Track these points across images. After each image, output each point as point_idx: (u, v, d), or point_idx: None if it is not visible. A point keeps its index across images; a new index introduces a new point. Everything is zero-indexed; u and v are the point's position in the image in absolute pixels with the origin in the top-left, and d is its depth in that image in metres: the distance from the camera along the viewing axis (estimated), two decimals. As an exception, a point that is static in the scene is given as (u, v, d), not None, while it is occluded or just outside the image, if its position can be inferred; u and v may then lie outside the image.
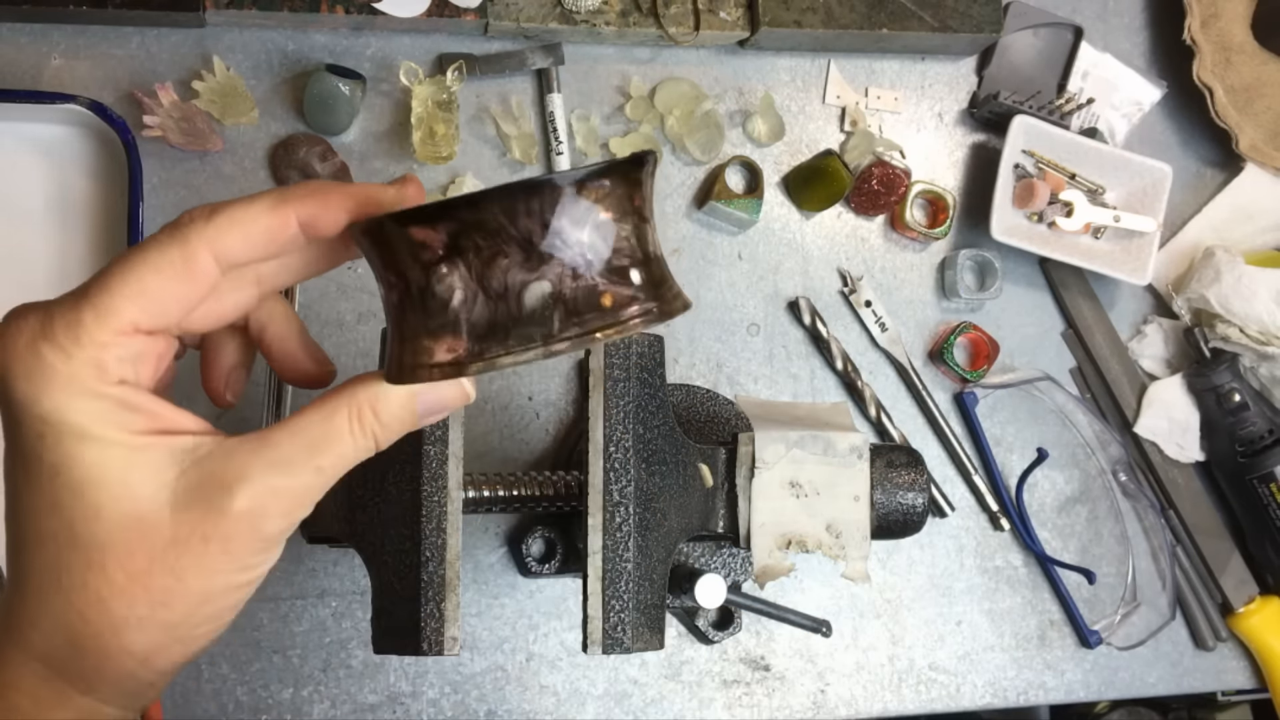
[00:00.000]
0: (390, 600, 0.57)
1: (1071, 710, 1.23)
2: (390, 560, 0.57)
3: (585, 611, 0.58)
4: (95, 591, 0.37)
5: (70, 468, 0.36)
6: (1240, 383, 0.90)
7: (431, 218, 0.36)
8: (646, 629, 0.59)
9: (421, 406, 0.41)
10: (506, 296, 0.36)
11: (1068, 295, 0.92)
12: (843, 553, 0.65)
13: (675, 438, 0.63)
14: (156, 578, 0.37)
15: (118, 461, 0.37)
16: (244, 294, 0.42)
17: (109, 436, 0.37)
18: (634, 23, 0.84)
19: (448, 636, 0.56)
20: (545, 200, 0.36)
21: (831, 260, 0.89)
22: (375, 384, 0.40)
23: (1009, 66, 0.93)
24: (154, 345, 0.39)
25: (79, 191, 0.76)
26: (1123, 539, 0.91)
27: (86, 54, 0.78)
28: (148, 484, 0.37)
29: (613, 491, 0.59)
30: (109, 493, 0.36)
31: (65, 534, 0.37)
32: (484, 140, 0.84)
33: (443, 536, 0.56)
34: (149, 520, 0.37)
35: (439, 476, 0.57)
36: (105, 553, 0.37)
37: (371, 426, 0.40)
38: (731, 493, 0.65)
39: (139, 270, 0.38)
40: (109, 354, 0.37)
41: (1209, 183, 0.97)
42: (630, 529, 0.59)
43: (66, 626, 0.37)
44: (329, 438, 0.39)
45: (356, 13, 0.79)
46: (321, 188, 0.40)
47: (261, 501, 0.38)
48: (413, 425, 0.42)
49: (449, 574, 0.56)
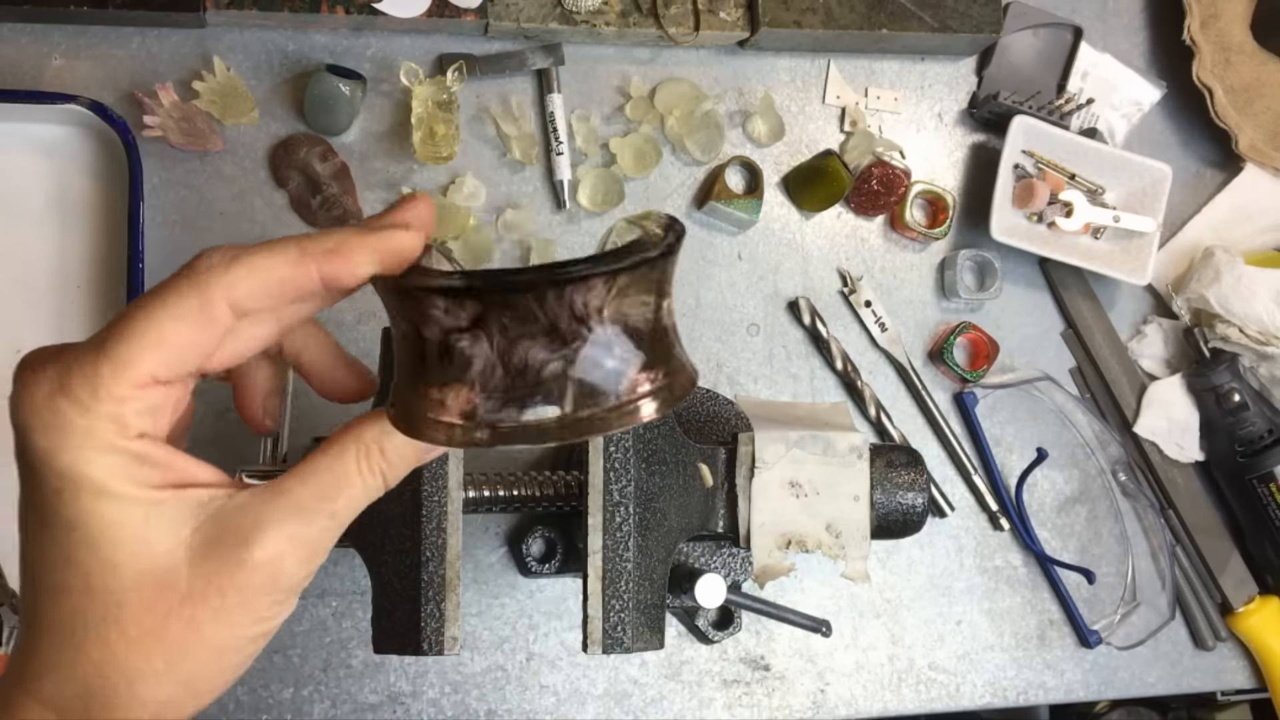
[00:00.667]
0: (390, 600, 0.57)
1: (1071, 710, 1.23)
2: (390, 560, 0.57)
3: (585, 611, 0.58)
4: (111, 644, 0.37)
5: (87, 523, 0.36)
6: (1240, 383, 0.90)
7: (461, 294, 0.36)
8: (646, 629, 0.59)
9: (424, 446, 0.41)
10: (525, 373, 0.36)
11: (1067, 295, 0.92)
12: (843, 553, 0.65)
13: (675, 438, 0.63)
14: (173, 631, 0.37)
15: (135, 517, 0.37)
16: (262, 330, 0.41)
17: (126, 492, 0.36)
18: (634, 23, 0.84)
19: (448, 636, 0.56)
20: (577, 290, 0.36)
21: (831, 260, 0.89)
22: (380, 423, 0.40)
23: (1009, 67, 0.93)
24: (171, 394, 0.38)
25: (79, 191, 0.76)
26: (1122, 539, 0.91)
27: (87, 54, 0.78)
28: (165, 539, 0.37)
29: (613, 491, 0.59)
30: (126, 548, 0.36)
31: (81, 587, 0.37)
32: (484, 140, 0.84)
33: (443, 536, 0.56)
34: (166, 575, 0.37)
35: (439, 476, 0.57)
36: (122, 607, 0.36)
37: (380, 466, 0.40)
38: (731, 492, 0.65)
39: (158, 318, 0.37)
40: (127, 408, 0.37)
41: (1209, 183, 0.97)
42: (630, 529, 0.59)
43: (81, 677, 0.37)
44: (339, 482, 0.39)
45: (357, 13, 0.79)
46: (344, 243, 0.38)
47: (279, 550, 0.38)
48: (418, 462, 0.42)
49: (449, 574, 0.56)
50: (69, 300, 0.75)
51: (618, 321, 0.37)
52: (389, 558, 0.57)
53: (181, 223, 0.78)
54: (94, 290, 0.75)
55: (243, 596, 0.37)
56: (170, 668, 0.37)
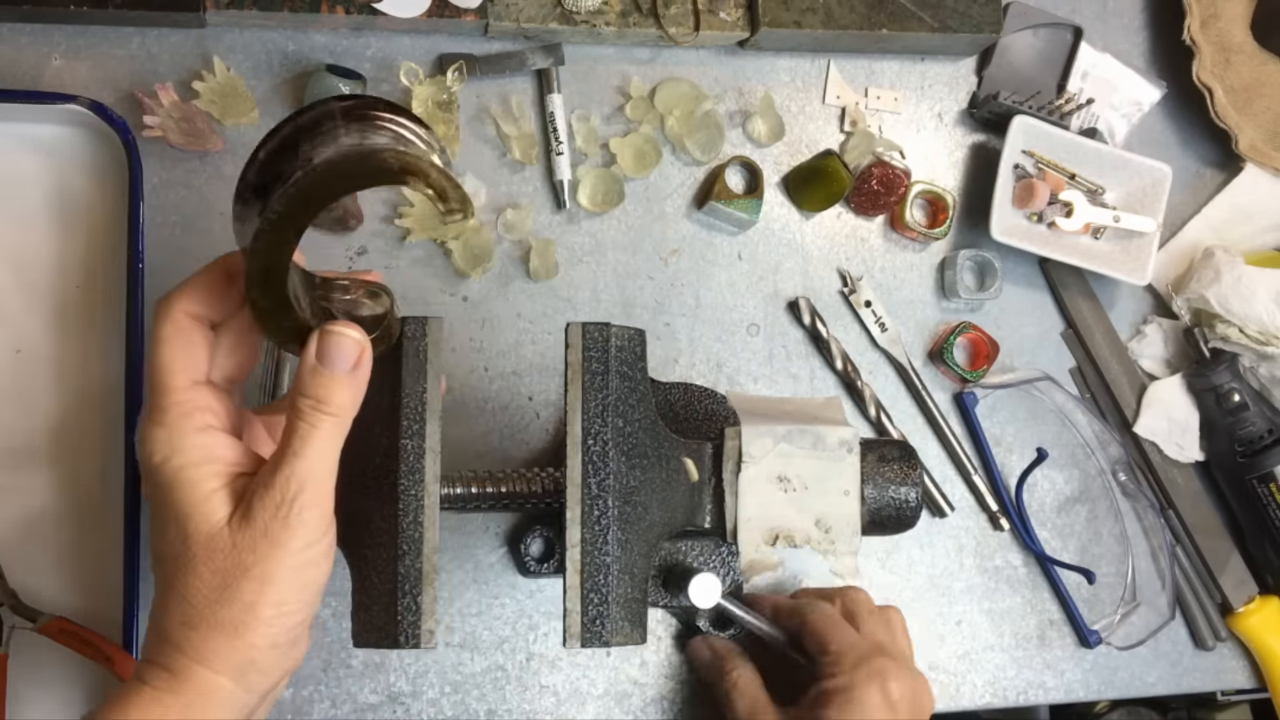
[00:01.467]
0: (368, 594, 0.57)
1: (1071, 710, 1.23)
2: (369, 554, 0.57)
3: (564, 604, 0.58)
4: (192, 586, 0.51)
5: (171, 506, 0.52)
6: (1240, 383, 0.90)
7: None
8: (627, 623, 0.59)
9: (327, 361, 0.53)
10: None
11: (1067, 295, 0.92)
12: (832, 548, 0.65)
13: (658, 432, 0.63)
14: (228, 573, 0.51)
15: (199, 503, 0.51)
16: (245, 348, 0.56)
17: (194, 486, 0.52)
18: (634, 23, 0.84)
19: (424, 629, 0.56)
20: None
21: (831, 260, 0.89)
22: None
23: (1009, 67, 0.93)
24: (210, 392, 0.54)
25: (79, 191, 0.76)
26: (1122, 539, 0.91)
27: (87, 54, 0.78)
28: (217, 513, 0.52)
29: (591, 485, 0.59)
30: (193, 523, 0.51)
31: (171, 551, 0.52)
32: (484, 140, 0.84)
33: (419, 530, 0.57)
34: (217, 538, 0.51)
35: (415, 470, 0.57)
36: (194, 560, 0.51)
37: (309, 410, 0.52)
38: (718, 487, 0.65)
39: (164, 345, 0.53)
40: (184, 406, 0.52)
41: (1209, 183, 0.97)
42: (609, 522, 0.59)
43: (180, 613, 0.51)
44: (291, 433, 0.52)
45: (357, 13, 0.79)
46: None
47: (288, 494, 0.51)
48: (338, 382, 0.52)
49: (425, 567, 0.56)
50: (69, 300, 0.75)
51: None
52: (368, 551, 0.57)
53: (181, 223, 0.78)
54: (94, 290, 0.75)
55: (271, 536, 0.51)
56: (231, 595, 0.51)
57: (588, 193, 0.84)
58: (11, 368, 0.74)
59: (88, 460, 0.74)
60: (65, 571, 0.73)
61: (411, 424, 0.57)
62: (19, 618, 0.71)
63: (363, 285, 0.56)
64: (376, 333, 0.55)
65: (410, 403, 0.57)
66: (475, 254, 0.81)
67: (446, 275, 0.82)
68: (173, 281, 0.54)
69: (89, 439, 0.74)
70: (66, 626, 0.70)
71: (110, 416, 0.74)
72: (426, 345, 0.57)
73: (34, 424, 0.74)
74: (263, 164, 0.49)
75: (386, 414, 0.57)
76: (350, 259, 0.80)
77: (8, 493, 0.73)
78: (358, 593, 0.58)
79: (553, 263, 0.83)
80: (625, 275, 0.85)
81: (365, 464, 0.58)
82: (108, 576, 0.72)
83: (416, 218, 0.80)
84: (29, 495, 0.73)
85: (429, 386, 0.57)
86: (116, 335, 0.73)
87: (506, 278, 0.83)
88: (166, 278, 0.75)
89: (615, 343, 0.60)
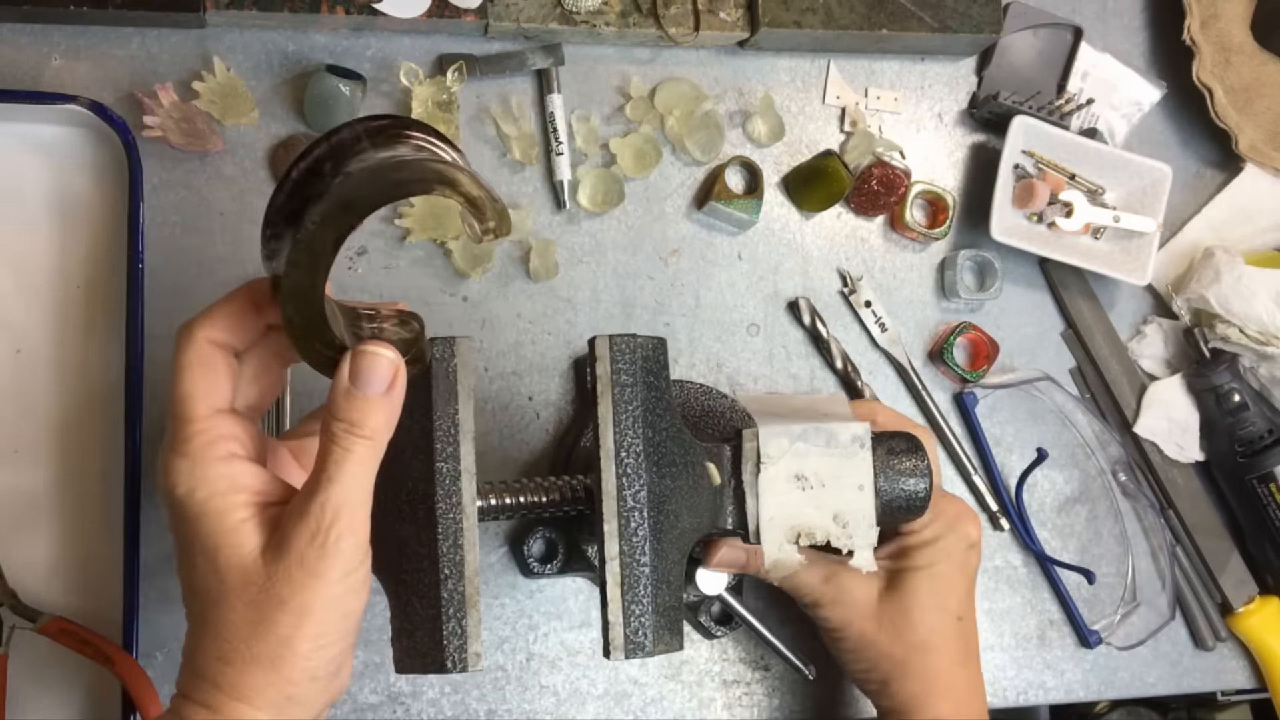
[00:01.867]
0: (410, 620, 0.57)
1: (1071, 710, 1.23)
2: (408, 579, 0.57)
3: (605, 618, 0.58)
4: (226, 620, 0.50)
5: (198, 539, 0.51)
6: (1240, 383, 0.90)
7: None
8: (666, 631, 0.60)
9: (361, 383, 0.51)
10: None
11: (1067, 295, 0.92)
12: (851, 542, 0.65)
13: (683, 438, 0.63)
14: (262, 607, 0.50)
15: (228, 534, 0.50)
16: (269, 375, 0.56)
17: (222, 517, 0.50)
18: (634, 23, 0.84)
19: (471, 652, 0.56)
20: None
21: (831, 260, 0.89)
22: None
23: (1009, 67, 0.93)
24: (232, 419, 0.52)
25: (79, 191, 0.76)
26: (1122, 539, 0.91)
27: (87, 54, 0.78)
28: (247, 544, 0.50)
29: (626, 497, 0.59)
30: (223, 556, 0.50)
31: (203, 585, 0.51)
32: (484, 140, 0.84)
33: (460, 553, 0.56)
34: (250, 570, 0.50)
35: (452, 493, 0.57)
36: (227, 594, 0.50)
37: (343, 433, 0.51)
38: (739, 489, 0.65)
39: (186, 373, 0.52)
40: (206, 435, 0.51)
41: (1209, 183, 0.97)
42: (645, 533, 0.59)
43: (215, 648, 0.50)
44: (325, 458, 0.51)
45: (356, 13, 0.79)
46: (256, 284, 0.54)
47: (324, 522, 0.50)
48: (373, 404, 0.51)
49: (469, 590, 0.56)
50: (69, 300, 0.75)
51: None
52: (407, 576, 0.57)
53: (182, 223, 0.78)
54: (94, 290, 0.75)
55: (306, 566, 0.50)
56: (266, 630, 0.49)
57: (588, 193, 0.84)
58: (11, 368, 0.74)
59: (88, 460, 0.74)
60: (65, 571, 0.73)
61: (446, 446, 0.57)
62: (19, 618, 0.71)
63: (392, 314, 0.56)
64: (408, 356, 0.54)
65: (443, 424, 0.57)
66: (475, 254, 0.81)
67: (446, 275, 0.82)
68: (173, 282, 0.54)
69: (89, 439, 0.74)
70: (66, 626, 0.70)
71: (110, 416, 0.74)
72: (456, 366, 0.57)
73: (34, 424, 0.74)
74: (295, 184, 0.48)
75: (419, 437, 0.57)
76: (350, 259, 0.80)
77: (8, 493, 0.73)
78: (398, 619, 0.57)
79: (553, 263, 0.83)
80: (625, 275, 0.85)
81: (399, 488, 0.57)
82: (108, 576, 0.72)
83: (416, 218, 0.80)
84: (29, 496, 0.73)
85: (460, 408, 0.57)
86: (116, 335, 0.73)
87: (506, 278, 0.83)
88: (166, 278, 0.76)
89: (641, 353, 0.61)
